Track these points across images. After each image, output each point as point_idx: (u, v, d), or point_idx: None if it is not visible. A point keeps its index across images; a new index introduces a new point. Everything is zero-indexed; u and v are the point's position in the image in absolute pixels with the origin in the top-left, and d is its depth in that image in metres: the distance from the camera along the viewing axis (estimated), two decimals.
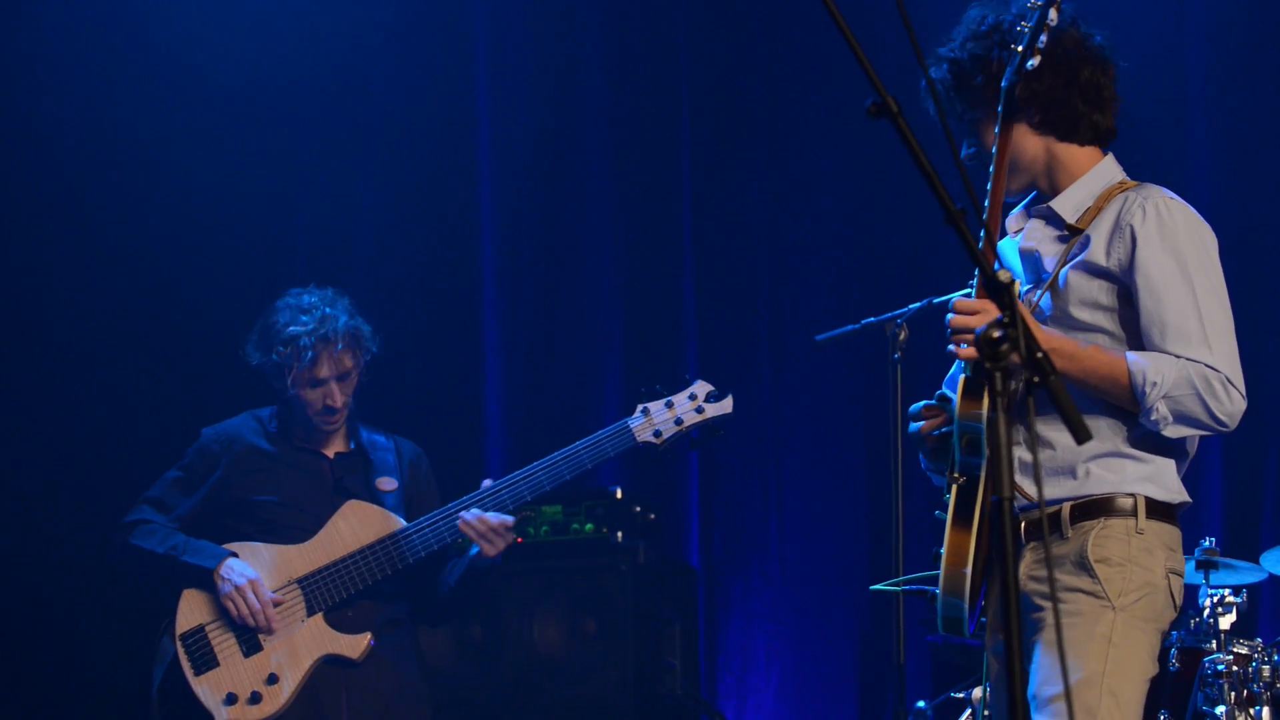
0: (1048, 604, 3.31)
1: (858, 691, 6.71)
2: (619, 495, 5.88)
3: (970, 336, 3.25)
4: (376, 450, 5.21)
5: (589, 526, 5.88)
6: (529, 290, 6.92)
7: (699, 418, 4.99)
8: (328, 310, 5.09)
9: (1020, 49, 3.27)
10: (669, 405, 4.99)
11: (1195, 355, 3.26)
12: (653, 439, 4.97)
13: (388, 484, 5.13)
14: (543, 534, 5.91)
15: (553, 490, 5.02)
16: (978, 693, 5.41)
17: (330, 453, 5.17)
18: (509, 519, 4.92)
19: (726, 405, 5.02)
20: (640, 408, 5.00)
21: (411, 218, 6.71)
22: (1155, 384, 3.24)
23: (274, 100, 6.49)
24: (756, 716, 6.72)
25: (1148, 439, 3.35)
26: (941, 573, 3.24)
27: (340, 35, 6.62)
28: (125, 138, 6.21)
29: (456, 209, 6.84)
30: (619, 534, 5.85)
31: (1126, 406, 3.30)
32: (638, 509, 5.91)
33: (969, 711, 5.43)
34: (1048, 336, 3.29)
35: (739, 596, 6.80)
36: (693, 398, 5.01)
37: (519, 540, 5.86)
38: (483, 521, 4.90)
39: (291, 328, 5.05)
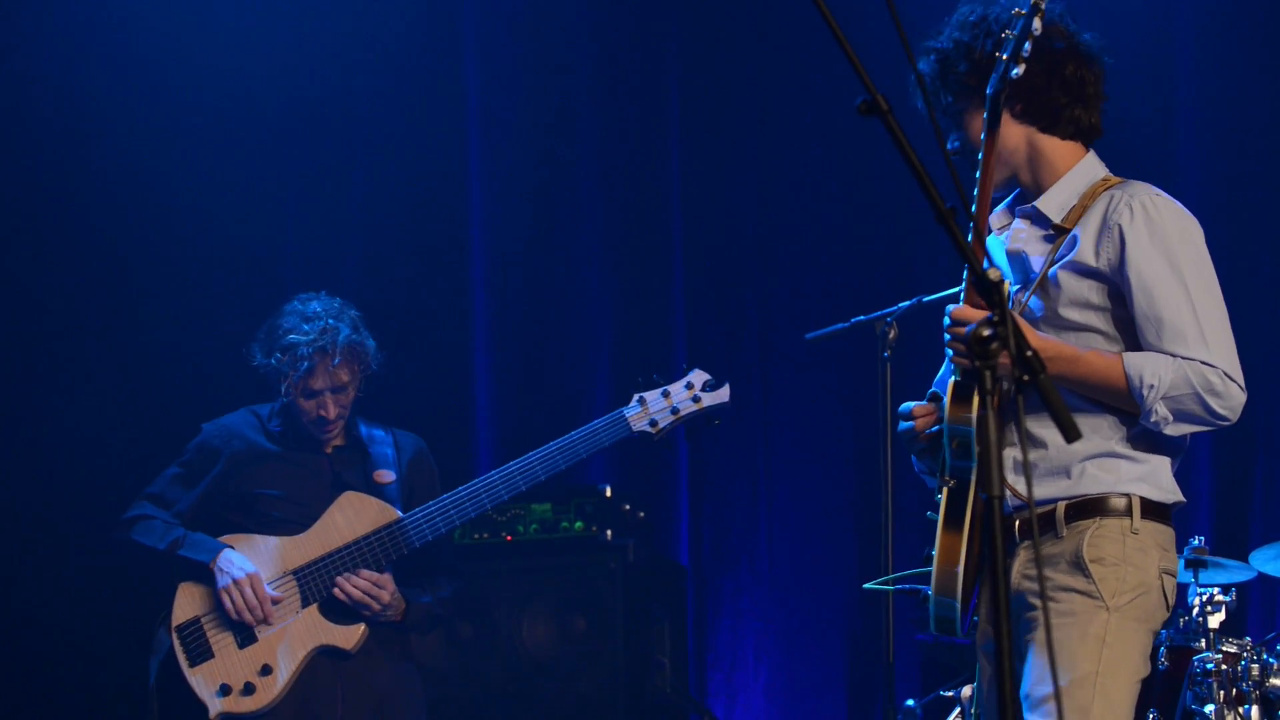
0: (1041, 603, 3.31)
1: (847, 690, 6.71)
2: (608, 493, 5.88)
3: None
4: (375, 444, 5.20)
5: (578, 524, 5.87)
6: (518, 287, 6.92)
7: (695, 407, 4.98)
8: (330, 322, 5.07)
9: (1005, 57, 3.27)
10: (665, 394, 4.97)
11: (1192, 353, 3.26)
12: (648, 428, 4.96)
13: (385, 476, 5.12)
14: (532, 532, 5.90)
15: (547, 480, 5.00)
16: (967, 691, 5.41)
17: (328, 448, 5.17)
18: (380, 575, 4.90)
19: (723, 394, 5.00)
20: (636, 397, 4.99)
21: (401, 211, 6.70)
22: (1153, 386, 3.24)
23: (265, 102, 6.48)
24: (745, 714, 6.71)
25: (1142, 439, 3.35)
26: (933, 573, 3.24)
27: (329, 42, 6.61)
28: (120, 142, 6.23)
29: (446, 205, 6.84)
30: (608, 532, 5.84)
31: (1126, 409, 3.30)
32: (627, 507, 5.91)
33: (958, 710, 5.43)
34: (1044, 343, 3.28)
35: (728, 594, 6.80)
36: (689, 387, 5.00)
37: (508, 538, 5.87)
38: (353, 585, 4.89)
39: (292, 335, 5.06)
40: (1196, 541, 5.30)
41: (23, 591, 5.96)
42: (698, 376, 5.01)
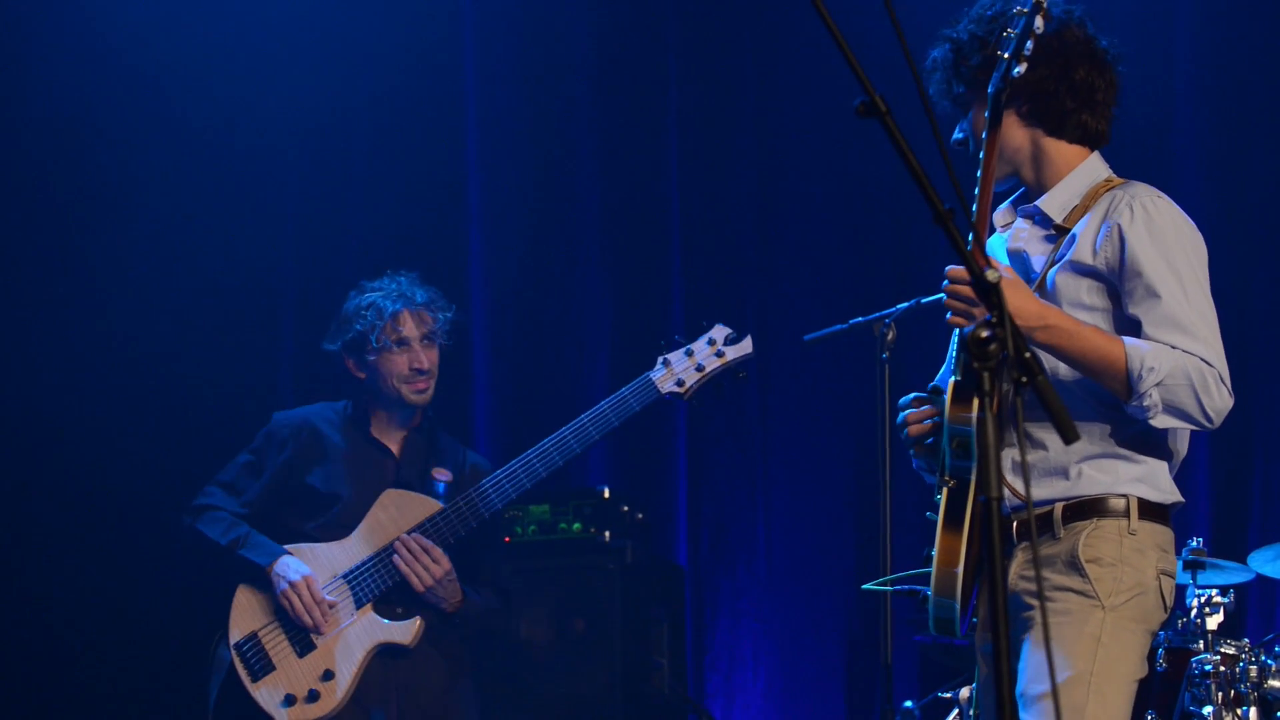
0: (1038, 603, 3.31)
1: (845, 691, 6.71)
2: (606, 494, 5.87)
3: (967, 307, 3.25)
4: (445, 442, 5.20)
5: (576, 526, 5.87)
6: (517, 287, 6.91)
7: (720, 362, 4.94)
8: (403, 280, 5.12)
9: (1007, 55, 3.27)
10: (688, 353, 4.94)
11: (1191, 349, 3.25)
12: (676, 388, 4.93)
13: (443, 475, 5.09)
14: (530, 533, 5.90)
15: (582, 452, 4.97)
16: (965, 693, 5.41)
17: (396, 449, 5.13)
18: (438, 550, 4.88)
19: (746, 346, 4.96)
20: (660, 359, 4.96)
21: (400, 211, 6.70)
22: (1152, 369, 3.22)
23: (265, 104, 6.49)
24: (744, 715, 6.71)
25: (1140, 440, 3.35)
26: (933, 574, 3.23)
27: (328, 43, 6.62)
28: (117, 138, 6.26)
29: (445, 205, 6.83)
30: (606, 533, 5.84)
31: (1116, 390, 3.27)
32: (625, 508, 5.90)
33: (956, 711, 5.43)
34: (1045, 309, 3.26)
35: (727, 595, 6.80)
36: (711, 342, 4.96)
37: (506, 540, 5.87)
38: (410, 544, 4.87)
39: (370, 295, 5.09)
40: (1195, 543, 5.30)
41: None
42: (719, 331, 4.97)
